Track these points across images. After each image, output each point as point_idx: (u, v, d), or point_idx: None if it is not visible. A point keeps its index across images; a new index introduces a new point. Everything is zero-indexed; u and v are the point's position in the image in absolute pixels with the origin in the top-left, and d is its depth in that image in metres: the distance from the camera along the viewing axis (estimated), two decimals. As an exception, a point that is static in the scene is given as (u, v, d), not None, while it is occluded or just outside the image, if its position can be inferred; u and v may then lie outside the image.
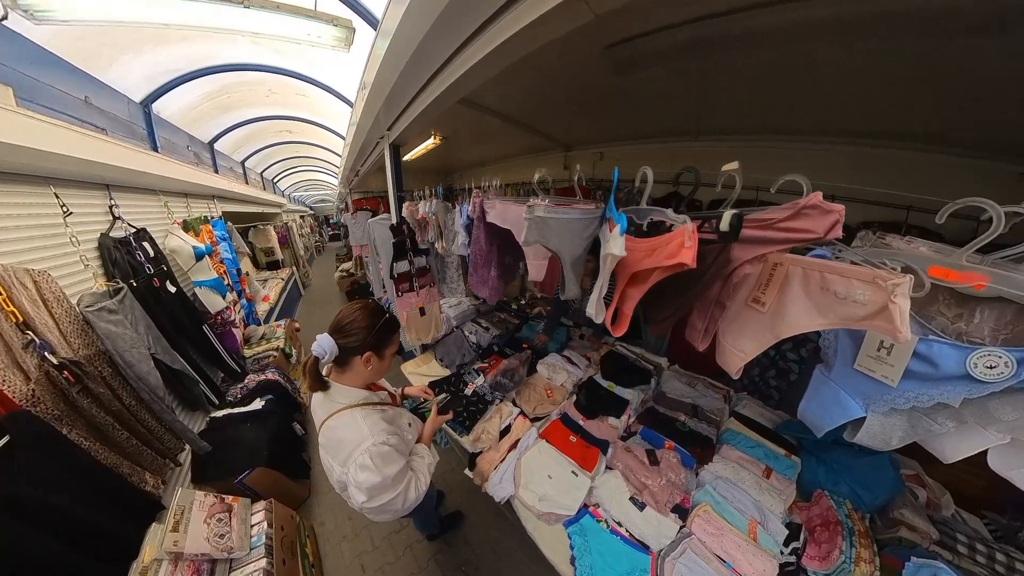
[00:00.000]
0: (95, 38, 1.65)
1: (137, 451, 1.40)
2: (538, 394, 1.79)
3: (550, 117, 2.35)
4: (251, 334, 3.26)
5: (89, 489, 1.12)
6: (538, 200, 0.98)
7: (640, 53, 1.21)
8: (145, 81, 2.18)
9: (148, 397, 1.52)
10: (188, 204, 2.81)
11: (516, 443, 1.49)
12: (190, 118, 2.95)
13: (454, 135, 2.78)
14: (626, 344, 2.17)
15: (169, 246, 2.24)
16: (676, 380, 1.81)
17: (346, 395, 0.99)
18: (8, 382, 1.06)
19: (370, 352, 0.96)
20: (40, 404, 1.12)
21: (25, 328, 1.15)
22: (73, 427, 1.19)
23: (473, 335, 2.35)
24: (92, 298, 1.43)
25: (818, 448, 1.33)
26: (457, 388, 1.88)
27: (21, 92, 1.32)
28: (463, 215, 1.67)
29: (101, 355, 1.41)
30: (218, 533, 1.36)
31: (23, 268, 1.22)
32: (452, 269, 2.55)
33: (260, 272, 5.95)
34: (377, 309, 1.01)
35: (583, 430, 1.52)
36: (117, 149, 1.73)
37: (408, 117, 1.73)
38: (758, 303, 0.77)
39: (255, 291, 4.07)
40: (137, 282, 1.80)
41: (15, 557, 0.89)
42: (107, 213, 1.76)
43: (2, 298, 1.10)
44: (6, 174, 1.24)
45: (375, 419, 0.96)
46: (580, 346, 2.21)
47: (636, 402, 1.70)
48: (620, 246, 0.80)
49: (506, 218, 1.28)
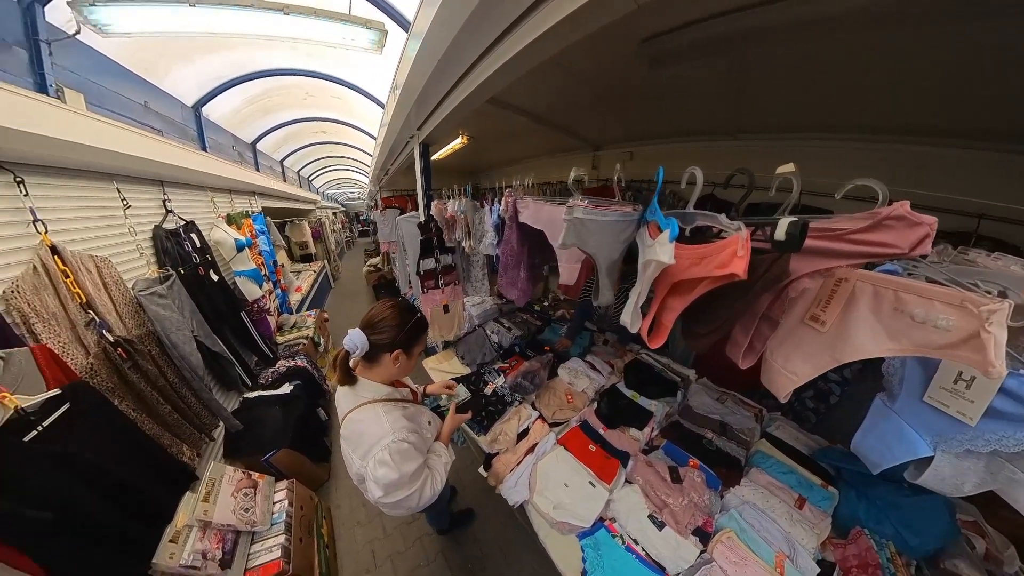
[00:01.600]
0: (153, 49, 1.82)
1: (177, 424, 1.52)
2: (558, 399, 1.76)
3: (579, 116, 2.29)
4: (283, 322, 3.46)
5: (134, 455, 1.24)
6: (577, 200, 0.95)
7: (677, 46, 1.13)
8: (196, 87, 2.37)
9: (189, 376, 1.65)
10: (232, 199, 3.02)
11: (533, 447, 1.46)
12: (235, 120, 3.18)
13: (481, 135, 2.81)
14: (652, 353, 2.09)
15: (213, 238, 2.42)
16: (704, 394, 1.70)
17: (371, 390, 1.02)
18: (71, 355, 1.19)
19: (399, 350, 0.98)
20: (96, 376, 1.25)
21: (87, 308, 1.29)
22: (123, 399, 1.31)
23: (495, 335, 2.36)
24: (145, 283, 1.57)
25: (859, 481, 1.20)
26: (477, 387, 1.89)
27: (91, 98, 1.48)
28: (493, 214, 1.66)
29: (150, 335, 1.55)
30: (244, 507, 1.46)
31: (88, 254, 1.37)
32: (477, 268, 2.52)
33: (294, 264, 6.30)
34: (409, 308, 1.03)
35: (603, 440, 1.48)
36: (171, 149, 1.90)
37: (438, 116, 1.75)
38: (816, 321, 0.69)
39: (289, 282, 4.32)
40: (184, 270, 1.96)
41: (69, 509, 0.99)
42: (161, 207, 1.93)
43: (69, 280, 1.24)
44: (77, 171, 1.39)
45: (396, 415, 0.98)
46: (603, 352, 2.15)
47: (660, 415, 1.62)
48: (669, 253, 0.73)
49: (539, 218, 1.26)
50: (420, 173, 2.38)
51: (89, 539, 1.03)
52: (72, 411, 1.08)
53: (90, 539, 1.03)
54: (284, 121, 4.05)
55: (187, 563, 1.22)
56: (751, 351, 0.86)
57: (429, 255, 2.08)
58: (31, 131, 1.11)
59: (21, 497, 0.90)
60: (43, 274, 1.18)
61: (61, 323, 1.20)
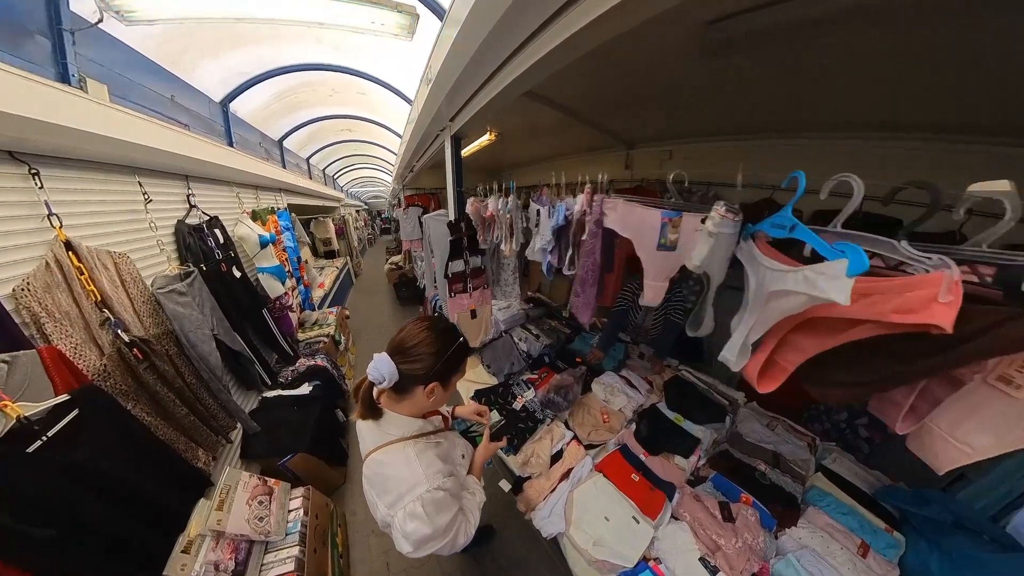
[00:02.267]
0: (179, 41, 1.78)
1: (194, 427, 1.47)
2: (593, 418, 1.60)
3: (615, 111, 2.08)
4: (305, 319, 3.46)
5: (146, 462, 1.18)
6: (720, 209, 0.81)
7: (741, 32, 0.98)
8: (222, 82, 2.35)
9: (207, 376, 1.60)
10: (257, 195, 3.03)
11: (568, 472, 1.32)
12: (262, 117, 3.19)
13: (508, 131, 2.66)
14: (694, 371, 1.89)
15: (238, 233, 2.41)
16: (754, 420, 1.52)
17: (400, 426, 0.87)
18: (83, 357, 1.14)
19: (436, 383, 0.83)
20: (110, 379, 1.19)
21: (103, 307, 1.24)
22: (138, 402, 1.26)
23: (523, 342, 2.21)
24: (164, 280, 1.53)
25: (930, 528, 1.05)
26: (505, 400, 1.75)
27: (116, 90, 1.44)
28: (557, 216, 1.39)
29: (168, 334, 1.50)
30: (258, 516, 1.38)
31: (105, 250, 1.32)
32: (508, 271, 2.29)
33: (318, 260, 6.41)
34: (448, 329, 0.87)
35: (646, 468, 1.32)
36: (197, 143, 1.86)
37: (472, 108, 1.60)
38: (1008, 384, 0.52)
39: (312, 278, 4.35)
40: (207, 266, 1.92)
41: (75, 520, 0.93)
42: (184, 202, 1.91)
43: (84, 278, 1.19)
44: (97, 163, 1.35)
45: (430, 457, 0.84)
46: (639, 367, 1.97)
47: (707, 442, 1.45)
48: (845, 291, 0.53)
49: (627, 223, 1.08)
50: (451, 168, 2.22)
51: (96, 554, 0.96)
52: (81, 417, 1.02)
53: (97, 554, 0.96)
54: (310, 119, 4.06)
55: (199, 575, 1.15)
56: (913, 415, 0.65)
57: (458, 257, 1.93)
58: (47, 120, 1.05)
59: (23, 513, 0.84)
60: (56, 271, 1.13)
61: (74, 323, 1.15)
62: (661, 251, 1.03)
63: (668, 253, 1.04)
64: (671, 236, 1.01)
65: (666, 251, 1.03)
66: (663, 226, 1.00)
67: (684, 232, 1.00)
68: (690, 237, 0.99)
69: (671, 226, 1.00)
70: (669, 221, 0.99)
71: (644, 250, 1.05)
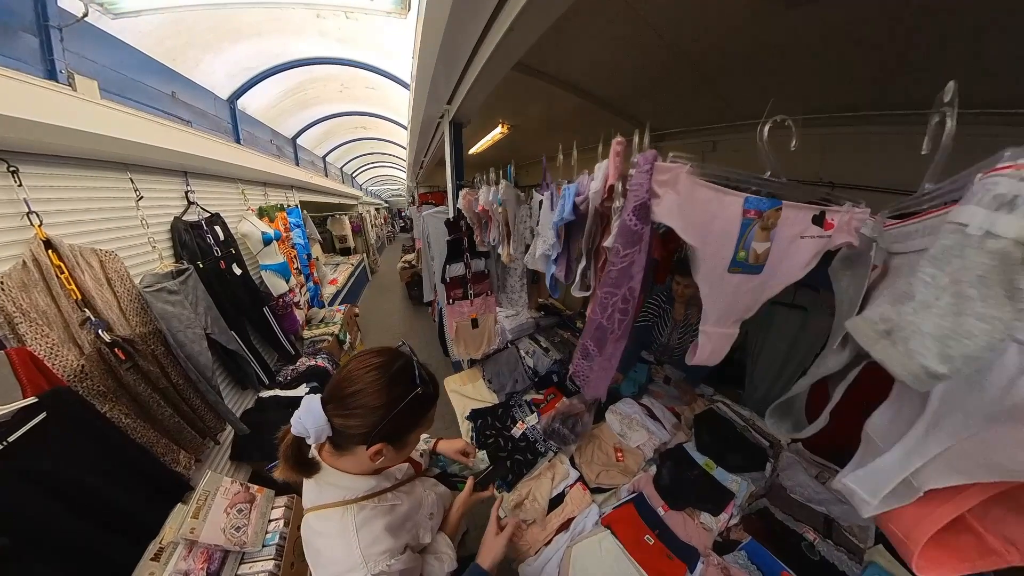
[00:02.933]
0: (179, 38, 1.78)
1: (178, 428, 1.45)
2: (605, 454, 1.38)
3: (646, 93, 1.81)
4: (312, 316, 3.48)
5: (119, 467, 1.15)
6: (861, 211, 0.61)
7: None
8: (228, 79, 2.36)
9: (195, 377, 1.58)
10: (266, 192, 3.05)
11: (569, 522, 1.14)
12: (273, 114, 3.22)
13: (523, 124, 2.52)
14: (732, 403, 1.60)
15: (241, 230, 2.41)
16: (800, 470, 1.24)
17: (341, 486, 0.68)
18: (60, 357, 1.12)
19: (382, 444, 0.64)
20: (88, 380, 1.17)
21: (84, 306, 1.22)
22: (116, 403, 1.24)
23: (529, 356, 2.01)
24: (153, 278, 1.51)
25: None
26: (504, 424, 1.59)
27: (110, 87, 1.43)
28: (563, 206, 0.90)
29: (156, 334, 1.49)
30: (235, 525, 1.34)
31: (90, 248, 1.31)
32: (515, 277, 1.97)
33: (333, 257, 6.52)
34: (403, 371, 0.66)
35: (664, 526, 1.11)
36: (195, 140, 1.85)
37: (466, 83, 1.46)
38: None
39: (322, 275, 4.39)
40: (204, 264, 1.92)
41: (34, 527, 0.90)
42: (183, 198, 1.90)
43: (64, 276, 1.17)
44: (84, 160, 1.34)
45: (376, 530, 0.65)
46: (665, 393, 1.71)
47: (743, 495, 1.19)
48: None
49: (691, 215, 0.63)
50: (451, 158, 2.07)
51: (55, 562, 0.93)
52: (48, 421, 0.99)
53: (56, 562, 0.93)
54: (322, 116, 4.08)
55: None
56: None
57: (458, 259, 1.78)
58: (26, 117, 1.02)
59: (-27, 521, 0.82)
60: (34, 270, 1.11)
61: (52, 322, 1.14)
62: (735, 274, 0.64)
63: (747, 278, 0.65)
64: (757, 246, 0.62)
65: (744, 273, 0.64)
66: (745, 225, 0.61)
67: (779, 240, 0.62)
68: (788, 251, 0.63)
69: (759, 227, 0.61)
70: (757, 216, 0.60)
71: (707, 268, 0.65)
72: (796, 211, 0.63)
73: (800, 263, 0.66)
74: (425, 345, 4.68)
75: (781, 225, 0.63)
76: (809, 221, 0.64)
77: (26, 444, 0.93)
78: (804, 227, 0.64)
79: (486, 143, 3.58)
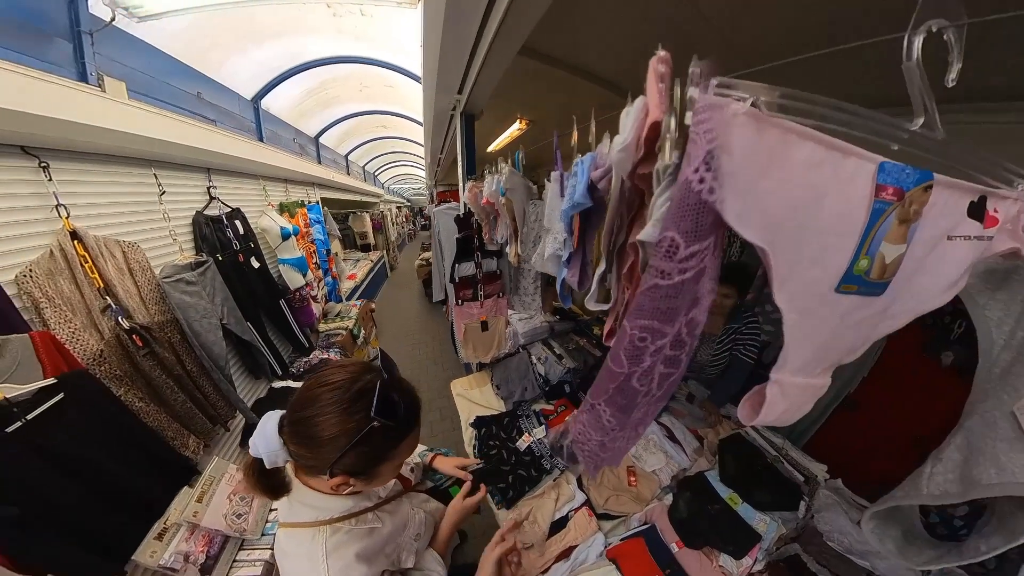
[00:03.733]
0: (203, 40, 1.86)
1: (190, 414, 1.51)
2: (616, 477, 1.29)
3: None
4: (329, 310, 3.59)
5: (130, 448, 1.21)
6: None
7: None
8: (252, 79, 2.46)
9: (209, 366, 1.65)
10: (287, 189, 3.16)
11: (570, 551, 1.06)
12: (296, 114, 3.34)
13: (542, 119, 2.45)
14: (763, 430, 1.41)
15: (260, 225, 2.51)
16: (841, 513, 1.07)
17: (313, 504, 0.62)
18: (81, 342, 1.19)
19: (341, 476, 0.56)
20: (105, 364, 1.24)
21: (106, 294, 1.30)
22: (131, 387, 1.30)
23: (542, 363, 1.92)
24: (172, 269, 1.59)
25: None
26: (509, 434, 1.52)
27: (138, 88, 1.51)
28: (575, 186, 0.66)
29: (173, 323, 1.56)
30: (236, 512, 1.39)
31: (114, 239, 1.39)
32: (528, 279, 1.80)
33: (353, 253, 6.71)
34: (361, 395, 0.55)
35: (677, 566, 1.00)
36: (218, 138, 1.94)
37: (474, 68, 1.39)
38: None
39: (340, 270, 4.52)
40: (223, 256, 2.01)
41: (44, 500, 0.95)
42: (205, 193, 2.00)
43: (88, 266, 1.25)
44: (111, 157, 1.42)
45: (350, 556, 0.59)
46: (688, 413, 1.56)
47: (771, 538, 1.05)
48: None
49: (780, 192, 0.34)
50: (461, 151, 2.03)
51: (62, 534, 0.98)
52: (65, 401, 1.05)
53: (63, 534, 0.99)
54: (344, 115, 4.20)
55: (167, 564, 1.16)
56: None
57: (468, 258, 1.70)
58: (58, 117, 1.09)
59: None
60: (60, 259, 1.18)
61: (76, 308, 1.21)
62: (846, 294, 0.39)
63: (863, 301, 0.40)
64: (888, 250, 0.38)
65: (860, 295, 0.40)
66: (877, 211, 0.36)
67: (917, 240, 0.39)
68: (927, 260, 0.41)
69: (897, 216, 0.37)
70: (898, 197, 0.36)
71: (799, 285, 0.38)
72: (948, 193, 0.39)
73: (945, 280, 0.41)
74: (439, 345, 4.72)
75: (926, 216, 0.38)
76: (964, 212, 0.40)
77: (44, 422, 0.99)
78: (956, 221, 0.40)
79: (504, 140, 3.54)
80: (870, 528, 0.52)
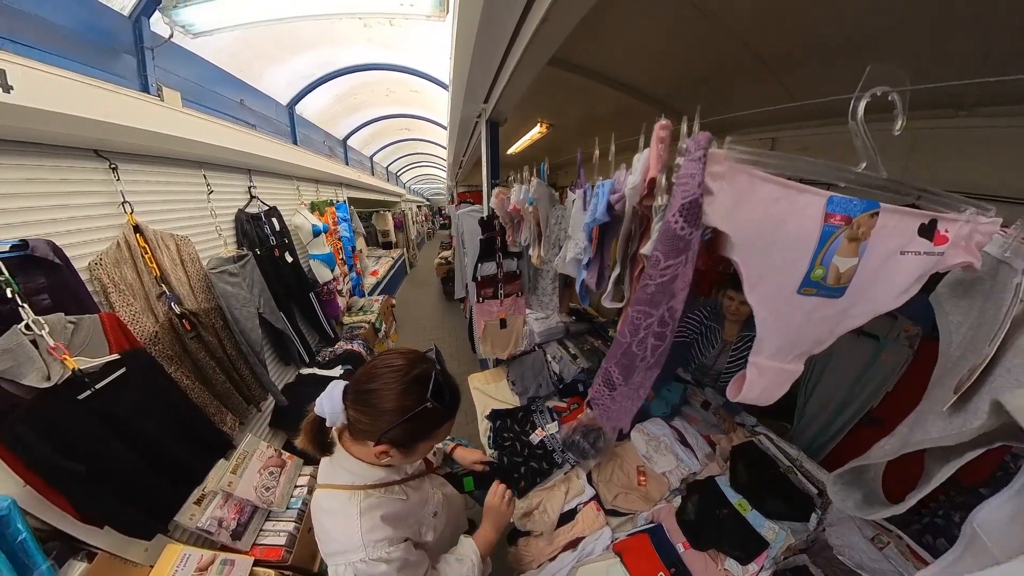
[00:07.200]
0: (247, 52, 2.02)
1: (228, 394, 1.65)
2: (626, 476, 1.31)
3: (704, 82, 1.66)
4: (353, 304, 3.76)
5: (177, 421, 1.34)
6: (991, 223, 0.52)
7: None
8: (288, 86, 2.64)
9: (246, 350, 1.79)
10: (317, 189, 3.35)
11: (577, 541, 1.10)
12: (326, 118, 3.52)
13: (562, 123, 2.48)
14: (776, 437, 1.41)
15: (294, 222, 2.68)
16: (854, 528, 1.05)
17: (352, 471, 0.72)
18: (140, 323, 1.34)
19: (387, 445, 0.65)
20: (159, 344, 1.38)
21: (161, 282, 1.45)
22: (180, 367, 1.45)
23: (556, 362, 1.97)
24: (217, 261, 1.74)
25: None
26: (522, 428, 1.58)
27: (190, 96, 1.66)
28: (595, 205, 0.80)
29: (216, 310, 1.71)
30: (266, 485, 1.51)
31: (169, 233, 1.54)
32: (546, 280, 1.86)
33: (375, 250, 6.95)
34: (419, 380, 0.65)
35: (682, 565, 1.02)
36: (259, 141, 2.10)
37: (502, 80, 1.46)
38: None
39: (364, 266, 4.72)
40: (261, 251, 2.17)
41: (105, 460, 1.08)
42: (246, 192, 2.16)
43: (147, 256, 1.40)
44: (168, 159, 1.58)
45: (376, 519, 0.68)
46: (702, 419, 1.56)
47: (779, 547, 1.04)
48: None
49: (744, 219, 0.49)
50: (486, 156, 2.08)
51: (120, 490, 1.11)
52: (127, 375, 1.19)
53: (121, 491, 1.11)
54: (370, 119, 4.38)
55: (203, 527, 1.29)
56: None
57: (490, 258, 1.77)
58: (124, 123, 1.24)
59: (63, 448, 1.00)
60: (125, 249, 1.34)
61: (136, 294, 1.36)
62: (808, 296, 0.51)
63: (823, 302, 0.51)
64: (840, 262, 0.49)
65: (820, 296, 0.51)
66: (827, 234, 0.47)
67: (871, 255, 0.49)
68: (882, 271, 0.51)
69: (846, 236, 0.48)
70: (845, 222, 0.47)
71: (768, 287, 0.51)
72: (898, 218, 0.49)
73: (897, 287, 0.51)
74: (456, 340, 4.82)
75: (876, 235, 0.48)
76: (915, 232, 0.49)
77: (108, 392, 1.12)
78: (906, 240, 0.50)
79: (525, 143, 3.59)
80: (835, 491, 0.59)
